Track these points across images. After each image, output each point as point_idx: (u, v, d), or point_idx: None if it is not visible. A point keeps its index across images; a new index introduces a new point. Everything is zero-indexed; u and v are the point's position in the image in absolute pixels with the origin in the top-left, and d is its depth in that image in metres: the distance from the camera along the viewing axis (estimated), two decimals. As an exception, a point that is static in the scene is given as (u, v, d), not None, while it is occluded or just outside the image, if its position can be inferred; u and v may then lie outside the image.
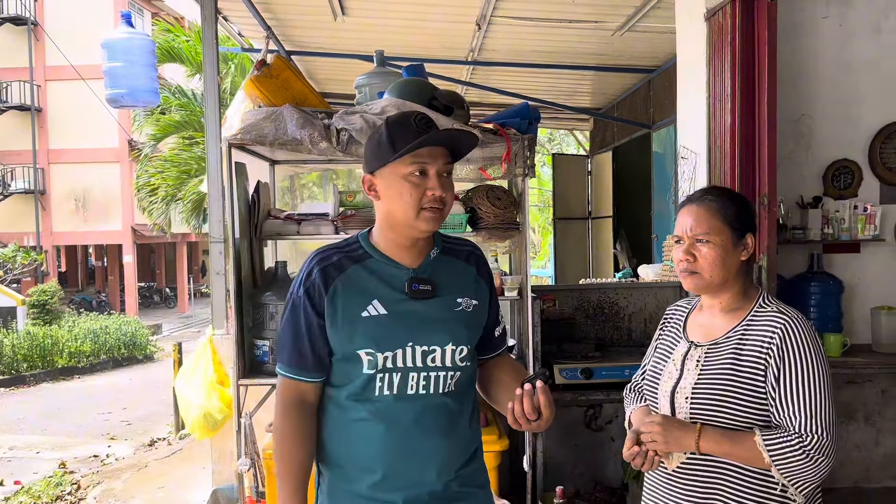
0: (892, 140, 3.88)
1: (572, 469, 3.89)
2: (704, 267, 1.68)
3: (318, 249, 1.68)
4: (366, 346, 1.58)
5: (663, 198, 7.03)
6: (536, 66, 6.50)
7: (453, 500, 1.65)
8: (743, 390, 1.62)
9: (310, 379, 1.64)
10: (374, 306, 1.60)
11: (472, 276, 1.73)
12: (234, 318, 3.15)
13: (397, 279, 1.63)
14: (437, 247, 1.71)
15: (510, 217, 3.35)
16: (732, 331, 1.69)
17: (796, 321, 1.62)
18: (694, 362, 1.71)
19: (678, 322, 1.86)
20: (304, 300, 1.61)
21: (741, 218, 1.71)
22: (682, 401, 1.69)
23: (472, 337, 1.70)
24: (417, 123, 1.58)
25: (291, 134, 3.12)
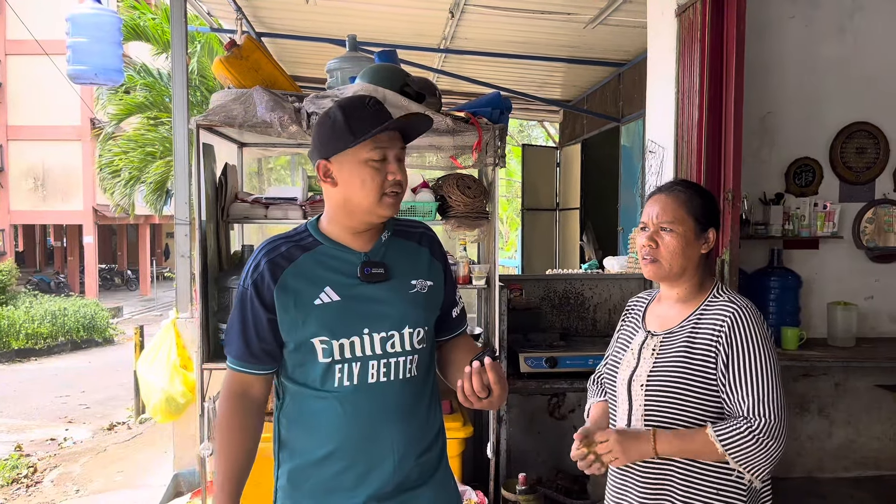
0: (852, 140, 3.98)
1: (535, 457, 3.94)
2: (665, 255, 1.73)
3: (266, 240, 1.65)
4: (319, 334, 1.55)
5: (630, 191, 7.11)
6: (508, 56, 6.51)
7: (415, 487, 1.63)
8: (695, 378, 1.67)
9: (256, 371, 1.62)
10: (326, 293, 1.57)
11: (425, 257, 1.71)
12: (199, 301, 3.11)
13: (349, 264, 1.61)
14: (388, 230, 1.68)
15: (480, 206, 3.37)
16: (686, 320, 1.74)
17: (744, 309, 1.67)
18: (650, 351, 1.75)
19: (638, 313, 1.91)
20: (252, 292, 1.58)
21: (706, 212, 1.76)
22: (637, 388, 1.73)
23: (429, 318, 1.68)
24: (371, 107, 1.56)
25: (261, 116, 3.08)
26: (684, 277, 1.76)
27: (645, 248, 1.76)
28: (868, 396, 3.96)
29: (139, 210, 13.17)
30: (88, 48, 4.18)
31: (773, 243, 3.90)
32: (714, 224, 1.78)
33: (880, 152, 3.98)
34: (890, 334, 3.97)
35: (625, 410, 1.76)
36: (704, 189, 1.85)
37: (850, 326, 3.70)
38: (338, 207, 1.62)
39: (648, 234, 1.76)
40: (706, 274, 1.80)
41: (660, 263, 1.74)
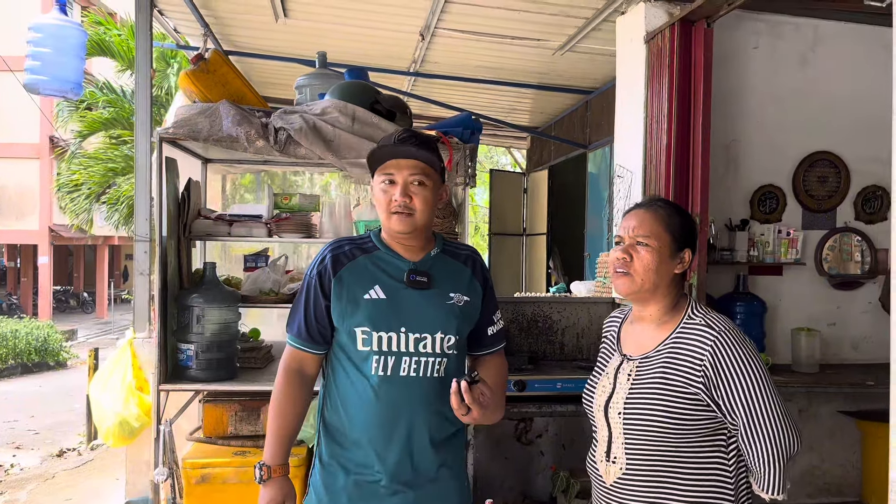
0: (815, 169, 4.06)
1: (502, 482, 3.87)
2: (638, 269, 1.69)
3: (334, 240, 1.95)
4: (363, 325, 1.80)
5: (597, 217, 7.17)
6: (478, 81, 6.54)
7: (431, 482, 1.83)
8: (674, 406, 1.61)
9: (310, 349, 1.87)
10: (375, 290, 1.82)
11: (467, 275, 1.93)
12: (157, 320, 3.01)
13: (398, 270, 1.86)
14: (437, 247, 1.93)
15: (449, 227, 3.33)
16: (662, 344, 1.69)
17: (725, 334, 1.63)
18: (625, 376, 1.70)
19: (613, 333, 1.87)
20: (316, 281, 1.85)
21: (684, 231, 1.73)
22: (615, 415, 1.68)
23: (461, 329, 1.88)
24: (396, 139, 1.82)
25: (227, 131, 3.02)
26: (656, 297, 1.71)
27: (618, 260, 1.72)
28: (831, 422, 3.99)
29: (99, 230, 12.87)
30: (50, 59, 4.06)
31: (738, 269, 3.94)
32: (690, 245, 1.74)
33: (841, 181, 4.07)
34: (851, 360, 4.02)
35: (604, 437, 1.72)
36: (683, 209, 1.83)
37: (813, 352, 3.74)
38: None
39: (623, 247, 1.73)
40: (680, 295, 1.75)
41: (632, 277, 1.70)
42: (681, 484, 1.63)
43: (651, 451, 1.63)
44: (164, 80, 10.23)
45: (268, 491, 1.84)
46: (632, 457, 1.65)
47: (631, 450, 1.65)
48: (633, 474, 1.65)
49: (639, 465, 1.65)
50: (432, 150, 1.86)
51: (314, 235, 3.42)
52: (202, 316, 3.01)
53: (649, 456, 1.63)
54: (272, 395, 1.88)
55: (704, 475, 1.63)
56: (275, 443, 1.86)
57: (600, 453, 1.73)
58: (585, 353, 3.95)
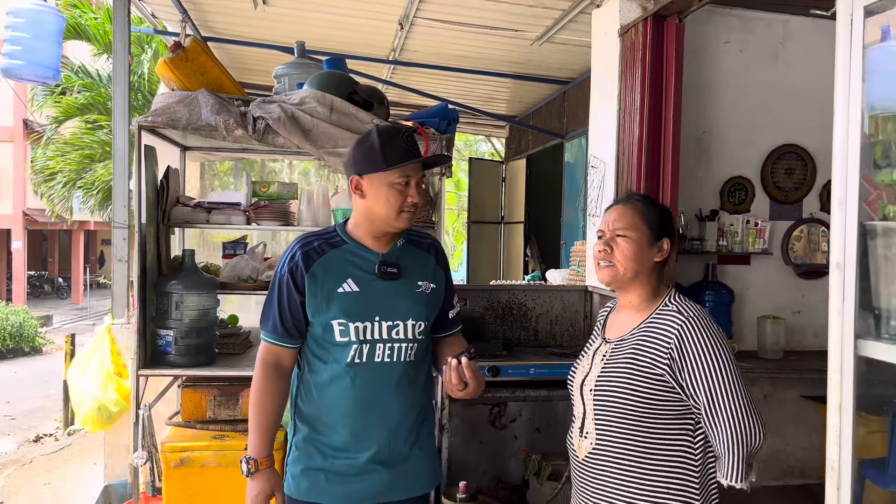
0: (782, 161, 4.17)
1: (476, 466, 3.96)
2: (619, 259, 1.79)
3: (301, 236, 1.98)
4: (339, 317, 1.87)
5: (573, 206, 7.26)
6: (456, 70, 6.57)
7: (407, 451, 1.93)
8: (641, 385, 1.71)
9: (286, 344, 1.93)
10: (348, 284, 1.89)
11: (431, 264, 2.03)
12: (136, 306, 3.04)
13: (368, 262, 1.93)
14: (403, 238, 2.00)
15: (426, 216, 3.39)
16: (637, 328, 1.80)
17: (693, 319, 1.71)
18: (601, 357, 1.82)
19: (601, 321, 1.99)
20: (288, 278, 1.90)
21: (660, 222, 1.84)
22: (587, 393, 1.80)
23: (429, 315, 1.98)
24: (406, 141, 1.89)
25: (206, 119, 3.04)
26: (637, 283, 1.82)
27: (601, 252, 1.83)
28: (795, 407, 4.13)
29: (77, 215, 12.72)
30: (28, 44, 4.04)
31: (708, 258, 4.05)
32: (668, 234, 1.85)
33: (808, 173, 4.19)
34: (815, 347, 4.16)
35: (580, 413, 1.84)
36: (661, 203, 1.95)
37: (778, 339, 3.86)
38: (363, 215, 1.94)
39: (605, 239, 1.84)
40: (660, 283, 1.86)
41: (614, 267, 1.80)
42: (646, 461, 1.71)
43: (618, 428, 1.73)
44: (139, 66, 10.12)
45: (256, 483, 1.91)
46: (601, 432, 1.75)
47: (600, 426, 1.75)
48: (603, 449, 1.76)
49: (607, 440, 1.74)
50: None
51: (292, 223, 3.46)
52: (181, 302, 3.05)
53: (617, 432, 1.73)
54: (252, 390, 1.94)
55: (669, 455, 1.71)
56: (259, 436, 1.91)
57: (576, 429, 1.84)
58: (559, 340, 4.04)
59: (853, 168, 1.14)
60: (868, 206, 1.17)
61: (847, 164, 1.15)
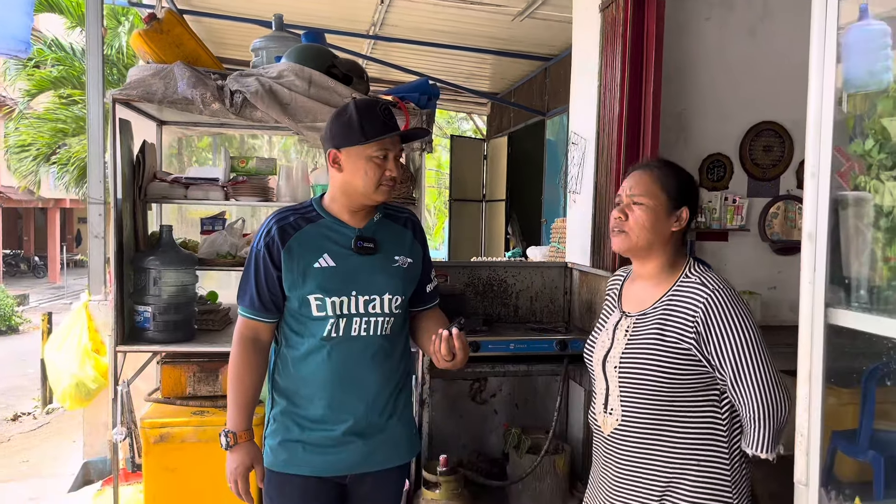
0: (760, 138, 4.20)
1: (457, 440, 4.00)
2: (633, 227, 1.72)
3: (276, 211, 1.97)
4: (315, 292, 1.87)
5: (554, 184, 7.28)
6: (437, 46, 6.53)
7: (385, 422, 1.94)
8: (668, 361, 1.66)
9: (263, 319, 1.93)
10: (324, 259, 1.89)
11: (409, 238, 2.03)
12: (113, 282, 3.01)
13: (345, 237, 1.92)
14: (379, 212, 1.99)
15: (406, 192, 3.38)
16: (659, 301, 1.73)
17: (718, 293, 1.65)
18: (623, 331, 1.75)
19: (614, 291, 1.91)
20: (264, 253, 1.89)
21: (680, 190, 1.76)
22: (611, 369, 1.74)
23: (406, 289, 1.98)
24: (383, 114, 1.88)
25: (182, 93, 3.00)
26: (653, 254, 1.75)
27: (615, 220, 1.77)
28: (769, 381, 4.19)
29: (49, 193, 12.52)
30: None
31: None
32: (689, 203, 1.77)
33: (785, 150, 4.22)
34: (789, 322, 4.20)
35: (602, 389, 1.79)
36: (683, 169, 1.84)
37: (754, 314, 3.90)
38: (340, 190, 1.92)
39: (620, 206, 1.77)
40: (678, 253, 1.78)
41: (627, 235, 1.74)
42: (675, 435, 1.68)
43: (645, 403, 1.69)
44: (115, 39, 9.93)
45: (235, 456, 1.91)
46: (627, 408, 1.71)
47: (626, 402, 1.71)
48: (629, 425, 1.71)
49: (634, 416, 1.70)
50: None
51: (271, 199, 3.44)
52: (159, 278, 3.03)
53: (644, 407, 1.69)
54: (230, 365, 1.94)
55: (698, 427, 1.68)
56: (237, 410, 1.92)
57: (599, 405, 1.79)
58: (538, 316, 4.07)
59: (826, 139, 1.15)
60: (840, 177, 1.18)
61: (820, 134, 1.16)
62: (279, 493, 1.94)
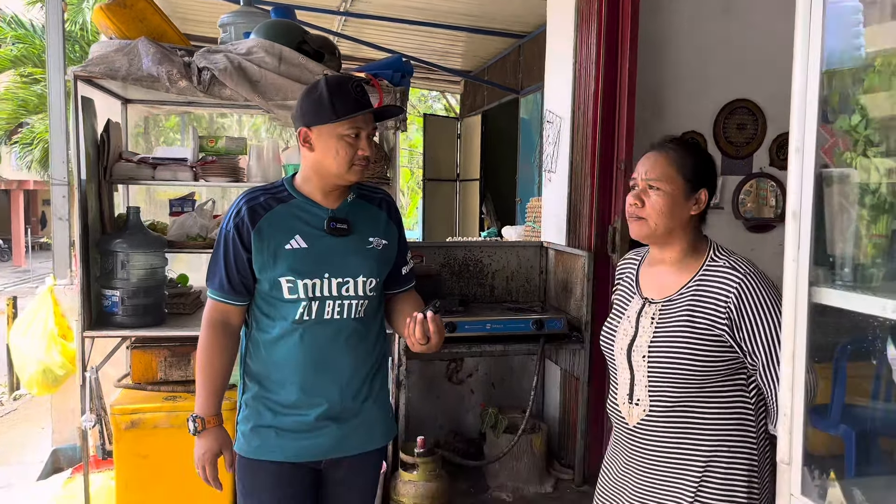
0: (734, 116, 4.20)
1: (434, 420, 3.99)
2: (651, 214, 1.66)
3: (246, 191, 1.90)
4: (287, 274, 1.82)
5: (528, 163, 7.25)
6: (410, 23, 6.43)
7: (355, 416, 1.90)
8: (699, 348, 1.60)
9: (234, 302, 1.88)
10: (296, 240, 1.83)
11: (383, 219, 1.97)
12: (79, 266, 2.92)
13: (317, 218, 1.86)
14: (353, 193, 1.94)
15: (380, 171, 3.32)
16: (685, 287, 1.66)
17: (750, 277, 1.61)
18: (648, 319, 1.68)
19: (630, 276, 1.83)
20: (234, 234, 1.84)
21: (697, 171, 1.69)
22: (638, 359, 1.67)
23: (381, 271, 1.94)
24: (355, 91, 1.81)
25: (147, 70, 2.90)
26: (672, 239, 1.68)
27: (631, 206, 1.69)
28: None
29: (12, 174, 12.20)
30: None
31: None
32: (707, 184, 1.70)
33: (759, 128, 4.23)
34: (762, 299, 4.26)
35: (626, 379, 1.71)
36: (700, 147, 1.78)
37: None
38: (312, 169, 1.87)
39: (636, 192, 1.69)
40: (698, 236, 1.72)
41: (645, 222, 1.66)
42: (706, 421, 1.63)
43: (675, 391, 1.63)
44: (79, 14, 9.65)
45: (203, 442, 1.87)
46: (656, 397, 1.65)
47: (655, 391, 1.64)
48: (658, 415, 1.65)
49: (662, 405, 1.64)
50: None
51: (242, 179, 3.35)
52: (127, 261, 2.95)
53: (673, 396, 1.63)
54: (199, 349, 1.89)
55: (728, 412, 1.63)
56: (206, 395, 1.87)
57: (622, 396, 1.71)
58: (514, 296, 4.06)
59: (811, 114, 1.13)
60: (824, 153, 1.16)
61: (805, 109, 1.14)
62: (252, 480, 1.90)
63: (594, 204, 3.62)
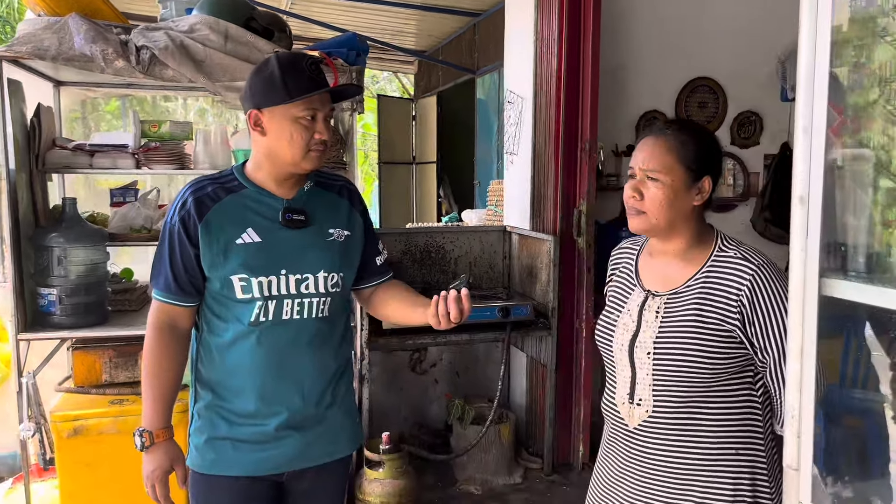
0: (696, 94, 4.16)
1: (398, 413, 3.87)
2: (650, 207, 1.53)
3: (193, 180, 1.73)
4: (239, 272, 1.66)
5: (486, 144, 7.14)
6: (361, 0, 6.23)
7: (319, 423, 1.75)
8: (708, 344, 1.50)
9: (182, 303, 1.71)
10: (248, 234, 1.68)
11: (345, 208, 1.82)
12: (10, 263, 2.70)
13: (271, 209, 1.71)
14: (310, 180, 1.78)
15: (336, 156, 3.16)
16: (693, 279, 1.55)
17: (763, 269, 1.49)
18: (653, 314, 1.57)
19: (628, 267, 1.70)
20: (179, 228, 1.67)
21: (700, 158, 1.55)
22: (642, 356, 1.55)
23: (345, 265, 1.79)
24: (310, 69, 1.65)
25: (80, 49, 2.68)
26: (676, 232, 1.56)
27: (630, 198, 1.56)
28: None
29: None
30: None
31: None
32: (711, 171, 1.56)
33: (719, 106, 4.20)
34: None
35: (627, 377, 1.59)
36: (703, 131, 1.64)
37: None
38: (264, 156, 1.70)
39: (634, 183, 1.55)
40: (703, 226, 1.60)
41: (645, 216, 1.54)
42: (713, 422, 1.52)
43: (681, 390, 1.52)
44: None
45: (152, 458, 1.70)
46: (661, 397, 1.53)
47: (660, 390, 1.53)
48: (662, 415, 1.54)
49: (668, 405, 1.53)
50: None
51: (188, 166, 3.16)
52: (64, 257, 2.74)
53: (679, 396, 1.52)
54: (144, 356, 1.72)
55: (736, 412, 1.53)
56: (154, 406, 1.70)
57: (621, 395, 1.60)
58: (478, 282, 3.95)
59: (821, 89, 1.02)
60: (832, 133, 1.06)
61: (813, 84, 1.03)
62: (207, 498, 1.74)
63: (559, 186, 3.53)
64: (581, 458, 3.57)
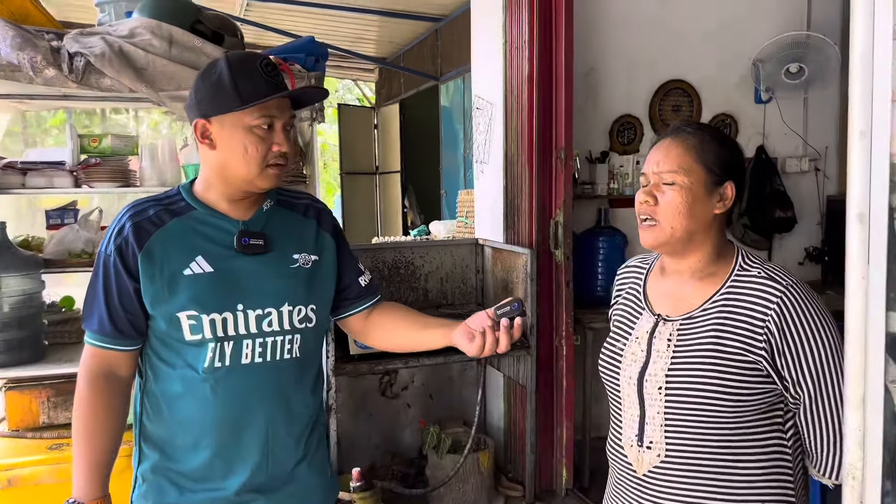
0: (669, 98, 4.03)
1: (367, 441, 3.64)
2: (665, 215, 1.35)
3: (131, 203, 1.49)
4: (187, 308, 1.42)
5: (452, 153, 6.95)
6: (318, 6, 6.00)
7: (286, 483, 1.53)
8: (730, 376, 1.31)
9: (121, 347, 1.46)
10: (197, 263, 1.45)
11: (312, 229, 1.59)
12: (-70, 296, 2.41)
13: (225, 233, 1.48)
14: (270, 199, 1.56)
15: (295, 168, 2.93)
16: (710, 301, 1.37)
17: (793, 290, 1.31)
18: (664, 342, 1.38)
19: (635, 288, 1.52)
20: (115, 258, 1.43)
21: (722, 161, 1.37)
22: (653, 390, 1.36)
23: (315, 296, 1.55)
24: (265, 70, 1.43)
25: (5, 56, 2.42)
26: (693, 246, 1.38)
27: (642, 204, 1.38)
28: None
29: None
30: None
31: (600, 202, 3.86)
32: (734, 176, 1.38)
33: (693, 110, 4.07)
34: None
35: (635, 416, 1.40)
36: (723, 133, 1.47)
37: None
38: (214, 172, 1.48)
39: (647, 188, 1.38)
40: (723, 240, 1.41)
41: (659, 226, 1.35)
42: (735, 471, 1.33)
43: (698, 432, 1.33)
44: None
45: None
46: (674, 439, 1.34)
47: (673, 433, 1.34)
48: (675, 461, 1.35)
49: (683, 449, 1.34)
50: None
51: (134, 184, 2.90)
52: (-7, 288, 2.46)
53: (697, 439, 1.33)
54: (75, 412, 1.45)
55: (763, 457, 1.34)
56: (87, 473, 1.44)
57: (628, 437, 1.41)
58: (450, 299, 3.74)
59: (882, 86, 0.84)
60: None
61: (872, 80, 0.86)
62: None
63: (534, 196, 3.34)
64: (564, 483, 3.38)
